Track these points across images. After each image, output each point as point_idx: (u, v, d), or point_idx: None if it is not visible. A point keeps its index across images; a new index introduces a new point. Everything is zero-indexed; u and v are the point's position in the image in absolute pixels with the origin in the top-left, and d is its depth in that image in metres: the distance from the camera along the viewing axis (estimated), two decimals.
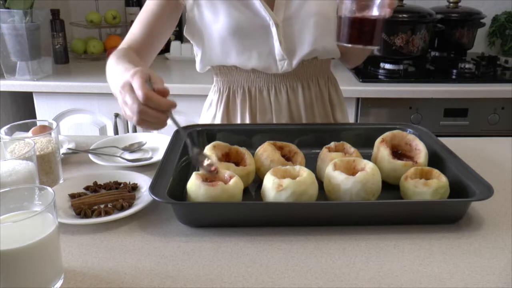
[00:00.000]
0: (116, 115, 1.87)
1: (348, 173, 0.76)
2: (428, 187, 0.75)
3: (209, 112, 1.19)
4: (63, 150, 1.00)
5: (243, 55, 1.05)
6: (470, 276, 0.62)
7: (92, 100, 1.86)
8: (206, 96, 1.81)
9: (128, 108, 0.74)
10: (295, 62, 1.06)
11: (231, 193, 0.73)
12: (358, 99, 1.80)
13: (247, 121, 1.11)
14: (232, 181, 0.74)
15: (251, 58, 1.06)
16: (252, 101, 1.12)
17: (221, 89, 1.14)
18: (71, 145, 1.04)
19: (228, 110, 1.14)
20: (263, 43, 1.04)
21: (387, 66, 1.95)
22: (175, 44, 2.22)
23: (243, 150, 0.87)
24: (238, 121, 1.13)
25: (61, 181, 0.86)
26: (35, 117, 1.88)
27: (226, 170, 0.77)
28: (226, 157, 0.86)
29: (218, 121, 1.15)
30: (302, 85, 1.11)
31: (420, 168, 0.80)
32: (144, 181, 0.85)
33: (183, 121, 1.84)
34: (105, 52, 2.16)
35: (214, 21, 1.03)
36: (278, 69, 1.07)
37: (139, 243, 0.69)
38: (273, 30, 1.02)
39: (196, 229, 0.72)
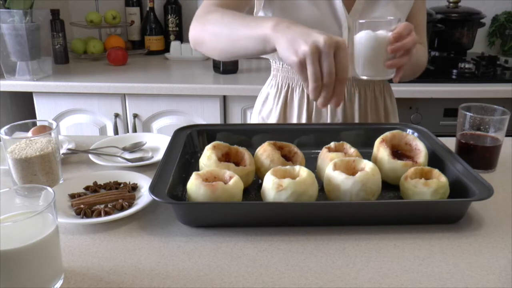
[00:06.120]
0: (116, 115, 1.87)
1: (348, 173, 0.76)
2: (428, 187, 0.75)
3: (265, 107, 1.21)
4: (63, 150, 1.00)
5: None
6: (470, 276, 0.62)
7: (92, 100, 1.86)
8: (206, 96, 1.82)
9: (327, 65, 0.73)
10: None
11: (231, 193, 0.73)
12: None
13: (304, 119, 1.14)
14: (232, 181, 0.74)
15: None
16: (310, 102, 1.14)
17: (280, 85, 1.17)
18: (71, 145, 1.04)
19: (285, 106, 1.16)
20: None
21: None
22: (175, 44, 2.23)
23: (243, 150, 0.87)
24: (295, 119, 1.15)
25: (61, 181, 0.86)
26: (35, 117, 1.88)
27: (226, 170, 0.77)
28: (226, 157, 0.86)
29: (275, 116, 1.17)
30: (359, 91, 1.14)
31: (420, 168, 0.80)
32: (144, 181, 0.85)
33: (183, 121, 1.85)
34: (105, 52, 2.16)
35: (292, 9, 1.04)
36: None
37: (139, 243, 0.69)
38: (345, 33, 1.04)
39: (196, 229, 0.72)
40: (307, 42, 0.72)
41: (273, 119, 1.18)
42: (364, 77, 0.91)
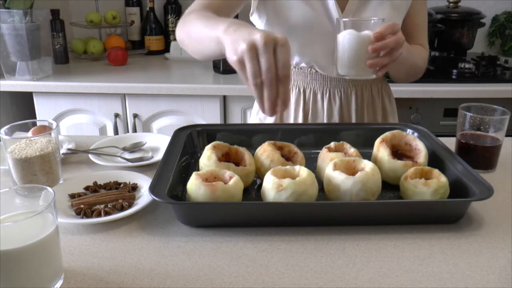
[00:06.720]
0: (116, 115, 1.87)
1: (348, 173, 0.76)
2: (428, 187, 0.75)
3: None
4: (63, 150, 1.00)
5: (305, 48, 1.07)
6: (470, 276, 0.62)
7: (92, 100, 1.86)
8: (206, 96, 1.82)
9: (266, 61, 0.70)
10: None
11: (231, 193, 0.73)
12: None
13: (300, 120, 1.14)
14: (232, 181, 0.74)
15: (312, 52, 1.07)
16: (306, 103, 1.14)
17: None
18: (71, 145, 1.04)
19: None
20: (326, 41, 1.06)
21: None
22: (175, 44, 2.22)
23: (243, 150, 0.87)
24: (291, 119, 1.15)
25: (61, 181, 0.86)
26: (35, 117, 1.88)
27: (226, 170, 0.77)
28: (226, 157, 0.86)
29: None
30: (356, 92, 1.13)
31: (420, 168, 0.80)
32: (144, 181, 0.85)
33: (183, 121, 1.85)
34: (105, 52, 2.16)
35: (286, 10, 1.04)
36: (334, 71, 1.08)
37: (139, 243, 0.69)
38: None
39: (196, 229, 0.72)
40: (245, 41, 0.71)
41: (270, 119, 1.18)
42: (347, 77, 0.92)
